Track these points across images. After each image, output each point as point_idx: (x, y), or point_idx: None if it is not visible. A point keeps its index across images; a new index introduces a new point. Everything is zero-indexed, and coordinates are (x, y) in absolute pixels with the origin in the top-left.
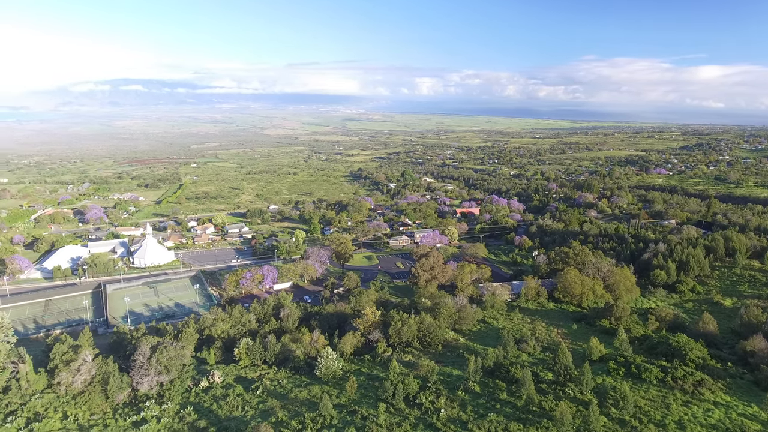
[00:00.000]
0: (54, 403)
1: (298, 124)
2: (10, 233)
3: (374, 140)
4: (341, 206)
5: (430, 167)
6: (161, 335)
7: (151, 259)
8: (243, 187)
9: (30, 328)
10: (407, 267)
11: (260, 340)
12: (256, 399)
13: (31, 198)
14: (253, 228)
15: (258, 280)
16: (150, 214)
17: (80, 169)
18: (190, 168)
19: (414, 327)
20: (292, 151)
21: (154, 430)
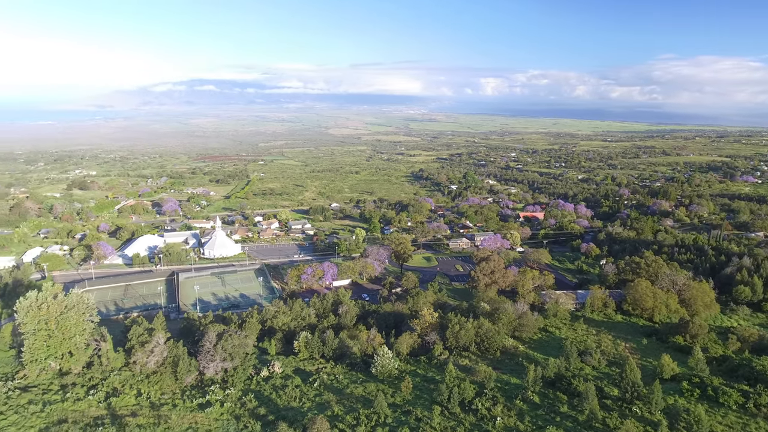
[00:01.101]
0: (130, 381)
1: (362, 124)
2: (96, 221)
3: (436, 141)
4: (402, 206)
5: (493, 169)
6: (227, 324)
7: (220, 251)
8: (307, 185)
9: (111, 309)
10: (467, 270)
11: (319, 334)
12: (313, 392)
13: (116, 190)
14: (315, 225)
15: (318, 276)
16: (220, 208)
17: (159, 164)
18: (258, 165)
19: (472, 331)
20: (355, 151)
21: (218, 413)
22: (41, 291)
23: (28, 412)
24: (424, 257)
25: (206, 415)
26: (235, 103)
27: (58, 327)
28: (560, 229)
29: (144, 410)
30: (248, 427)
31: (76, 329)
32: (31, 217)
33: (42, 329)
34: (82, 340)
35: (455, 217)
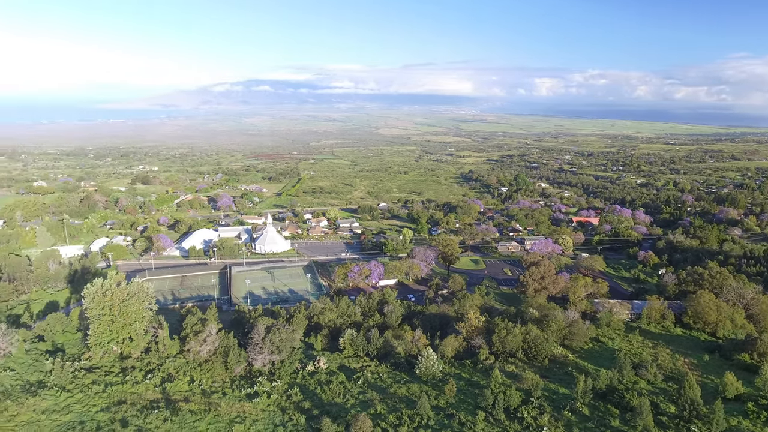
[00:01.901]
0: (183, 368)
1: (411, 124)
2: (157, 215)
3: (487, 142)
4: (450, 207)
5: (546, 172)
6: (275, 317)
7: (270, 247)
8: (355, 184)
9: (168, 299)
10: (515, 274)
11: (364, 332)
12: (356, 389)
13: (175, 185)
14: (363, 224)
15: (365, 275)
16: (271, 205)
17: (215, 161)
18: (309, 164)
19: (519, 337)
20: (404, 151)
21: (265, 404)
22: (106, 279)
23: (92, 391)
24: (471, 260)
25: (253, 405)
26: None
27: (120, 313)
28: (616, 236)
29: (196, 397)
30: (293, 419)
31: (137, 316)
32: (99, 209)
33: (106, 314)
34: (141, 326)
35: (505, 219)
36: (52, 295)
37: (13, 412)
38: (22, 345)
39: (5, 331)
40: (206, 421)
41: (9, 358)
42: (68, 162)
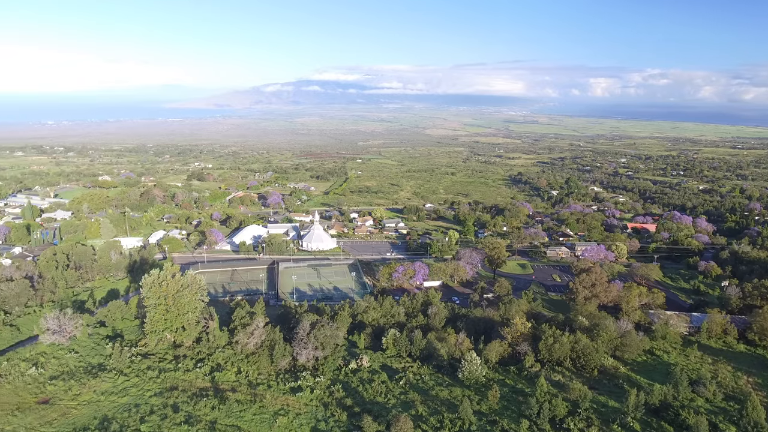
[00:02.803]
0: (231, 359)
1: (460, 125)
2: (210, 210)
3: (538, 144)
4: (497, 210)
5: (600, 175)
6: (320, 314)
7: (317, 245)
8: (402, 184)
9: (219, 291)
10: (564, 281)
11: (407, 333)
12: (398, 389)
13: (228, 182)
14: (409, 224)
15: (409, 275)
16: (318, 203)
17: (266, 159)
18: (356, 163)
19: (567, 346)
20: (452, 152)
21: (308, 398)
22: (162, 270)
23: (147, 376)
24: (518, 264)
25: (297, 399)
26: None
27: (174, 303)
28: (674, 244)
29: (242, 387)
30: (335, 415)
31: (189, 307)
32: (157, 203)
33: (161, 304)
34: (193, 317)
35: (554, 224)
36: (113, 284)
37: (77, 391)
38: (85, 329)
39: (71, 315)
40: (251, 411)
41: (74, 341)
42: (130, 158)
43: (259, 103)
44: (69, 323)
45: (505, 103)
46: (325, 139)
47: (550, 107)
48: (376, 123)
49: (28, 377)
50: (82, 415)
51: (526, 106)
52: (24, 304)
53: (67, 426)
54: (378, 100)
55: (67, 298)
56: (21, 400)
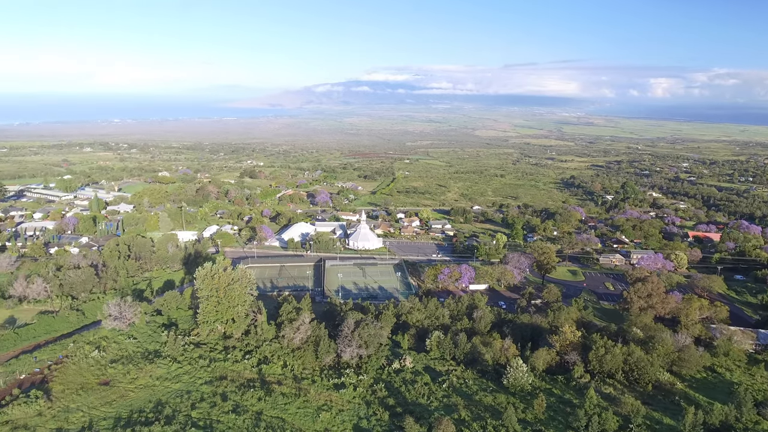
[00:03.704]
0: (278, 352)
1: (510, 126)
2: (261, 207)
3: (592, 146)
4: (548, 214)
5: (659, 180)
6: (364, 313)
7: (363, 244)
8: (449, 186)
9: (267, 286)
10: (618, 289)
11: (451, 336)
12: (441, 392)
13: (278, 180)
14: (456, 226)
15: (455, 278)
16: (365, 203)
17: (315, 158)
18: (403, 163)
19: (620, 357)
20: (501, 153)
21: (351, 395)
22: (215, 263)
23: (198, 365)
24: (569, 270)
25: (340, 395)
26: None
27: (225, 296)
28: (741, 255)
29: (288, 381)
30: (377, 414)
31: (239, 300)
32: (211, 199)
33: (213, 296)
34: (243, 309)
35: (609, 230)
36: (169, 275)
37: (134, 375)
38: (143, 317)
39: (131, 303)
40: (296, 405)
41: (133, 328)
42: (188, 155)
43: (309, 103)
44: (129, 310)
45: (557, 103)
46: (373, 139)
47: (607, 108)
48: (425, 123)
49: (91, 359)
50: (138, 398)
51: (581, 108)
52: (89, 291)
53: (125, 407)
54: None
55: (127, 287)
56: (84, 380)
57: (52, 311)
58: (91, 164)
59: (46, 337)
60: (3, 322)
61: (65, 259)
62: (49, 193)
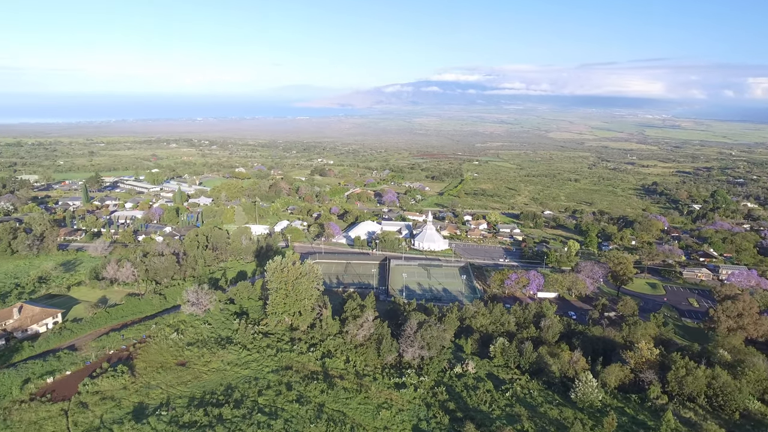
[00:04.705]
0: (341, 347)
1: (586, 128)
2: (329, 204)
3: (678, 151)
4: (626, 222)
5: (755, 189)
6: (428, 314)
7: (428, 244)
8: (519, 189)
9: (333, 282)
10: (703, 307)
11: (516, 343)
12: (504, 400)
13: (347, 178)
14: (525, 231)
15: (523, 284)
16: (432, 204)
17: (383, 157)
18: (472, 165)
19: (703, 380)
20: (576, 157)
21: (411, 396)
22: (284, 257)
23: (266, 354)
24: (648, 283)
25: (401, 395)
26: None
27: (293, 289)
28: None
29: (349, 376)
30: (437, 417)
31: (306, 293)
32: (283, 195)
33: (282, 288)
34: (309, 303)
35: (694, 242)
36: (242, 266)
37: (208, 359)
38: (217, 304)
39: (207, 290)
40: (357, 400)
41: (208, 314)
42: (262, 152)
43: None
44: (205, 297)
45: (640, 105)
46: (442, 139)
47: (696, 110)
48: (496, 125)
49: (170, 341)
50: (210, 381)
51: (666, 109)
52: (171, 277)
53: (199, 388)
54: (498, 101)
55: (204, 275)
56: (164, 360)
57: (138, 294)
58: (175, 159)
59: (132, 318)
60: (96, 301)
61: (151, 247)
62: (139, 185)
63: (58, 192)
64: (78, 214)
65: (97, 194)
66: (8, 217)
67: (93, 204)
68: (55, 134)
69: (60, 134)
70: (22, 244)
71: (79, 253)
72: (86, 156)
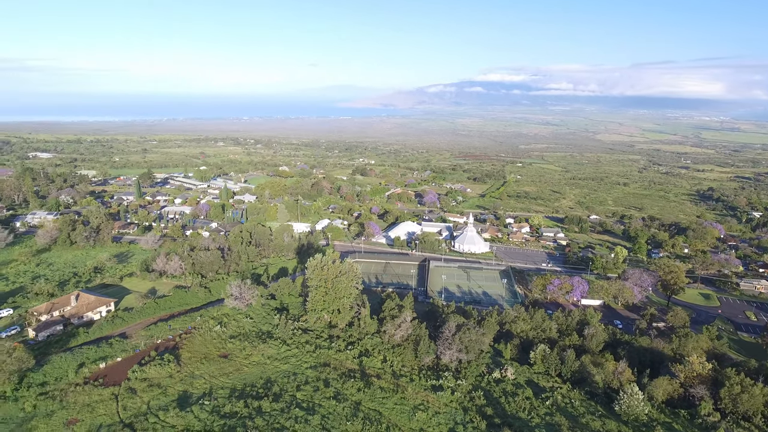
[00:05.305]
0: (378, 347)
1: (637, 130)
2: (370, 204)
3: (738, 155)
4: (678, 229)
5: None
6: (466, 317)
7: (469, 247)
8: (564, 192)
9: (372, 281)
10: (762, 320)
11: (558, 351)
12: (543, 409)
13: (387, 178)
14: (569, 235)
15: (566, 290)
16: (473, 206)
17: (425, 158)
18: (515, 167)
19: (760, 399)
20: (626, 160)
21: (448, 399)
22: (324, 255)
23: (305, 350)
24: (700, 294)
25: (437, 397)
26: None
27: (332, 287)
28: None
29: (386, 376)
30: (473, 422)
31: (345, 292)
32: (325, 194)
33: (321, 286)
34: (348, 302)
35: (754, 251)
36: (284, 262)
37: (249, 352)
38: (259, 299)
39: (249, 285)
40: (393, 400)
41: (250, 308)
42: (305, 151)
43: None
44: (247, 292)
45: (696, 106)
46: (484, 140)
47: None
48: (541, 126)
49: (214, 333)
50: (251, 374)
51: (725, 111)
52: (215, 271)
53: (240, 380)
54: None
55: (247, 270)
56: (207, 351)
57: (185, 286)
58: (222, 157)
59: (179, 309)
60: (146, 292)
61: (198, 241)
62: (187, 182)
63: (114, 187)
64: (131, 208)
65: (149, 190)
66: (68, 209)
67: (145, 199)
68: (112, 132)
69: (116, 132)
70: (80, 236)
71: (132, 245)
72: (140, 153)
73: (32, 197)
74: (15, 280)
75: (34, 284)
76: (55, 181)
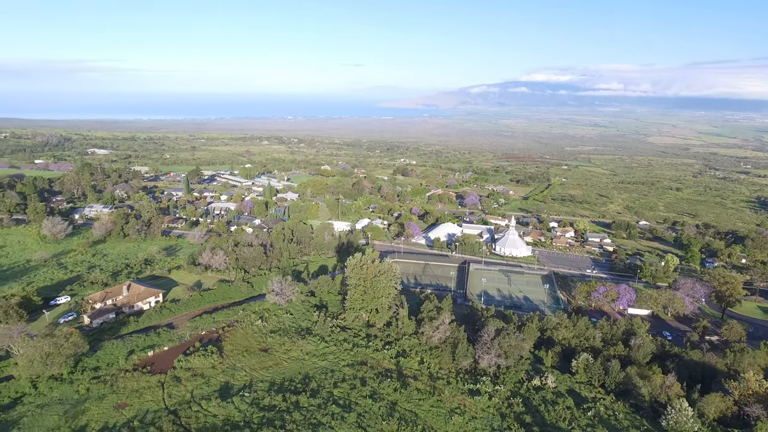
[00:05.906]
0: (416, 348)
1: (692, 132)
2: (410, 204)
3: None
4: (735, 237)
5: None
6: (506, 322)
7: (510, 250)
8: (612, 196)
9: (410, 282)
10: None
11: (602, 361)
12: (585, 420)
13: (428, 179)
14: (616, 241)
15: (612, 298)
16: (516, 208)
17: (466, 159)
18: (560, 169)
19: None
20: (679, 164)
21: (485, 404)
22: (364, 254)
23: (342, 347)
24: (759, 307)
25: (474, 402)
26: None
27: (371, 286)
28: None
29: (423, 377)
30: (511, 429)
31: (384, 291)
32: (365, 193)
33: (360, 285)
34: (386, 301)
35: None
36: (324, 260)
37: (288, 347)
38: (299, 296)
39: (290, 282)
40: (429, 402)
41: (290, 305)
42: (347, 151)
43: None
44: (288, 288)
45: (758, 108)
46: (529, 142)
47: None
48: (588, 127)
49: (255, 327)
50: (290, 368)
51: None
52: (258, 267)
53: (279, 375)
54: (592, 103)
55: (288, 267)
56: (248, 344)
57: (229, 280)
58: (267, 156)
59: (222, 302)
60: (192, 284)
61: (241, 237)
62: (233, 179)
63: (164, 183)
64: (180, 204)
65: (197, 186)
66: (122, 204)
67: (193, 195)
68: (164, 130)
69: (168, 130)
70: (132, 229)
71: (180, 239)
72: (189, 150)
73: (90, 191)
74: (73, 269)
75: (90, 273)
76: (111, 176)
